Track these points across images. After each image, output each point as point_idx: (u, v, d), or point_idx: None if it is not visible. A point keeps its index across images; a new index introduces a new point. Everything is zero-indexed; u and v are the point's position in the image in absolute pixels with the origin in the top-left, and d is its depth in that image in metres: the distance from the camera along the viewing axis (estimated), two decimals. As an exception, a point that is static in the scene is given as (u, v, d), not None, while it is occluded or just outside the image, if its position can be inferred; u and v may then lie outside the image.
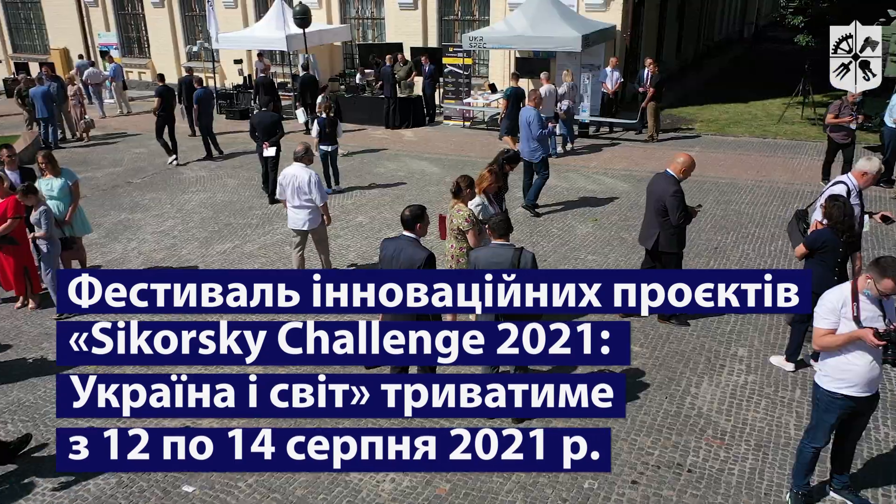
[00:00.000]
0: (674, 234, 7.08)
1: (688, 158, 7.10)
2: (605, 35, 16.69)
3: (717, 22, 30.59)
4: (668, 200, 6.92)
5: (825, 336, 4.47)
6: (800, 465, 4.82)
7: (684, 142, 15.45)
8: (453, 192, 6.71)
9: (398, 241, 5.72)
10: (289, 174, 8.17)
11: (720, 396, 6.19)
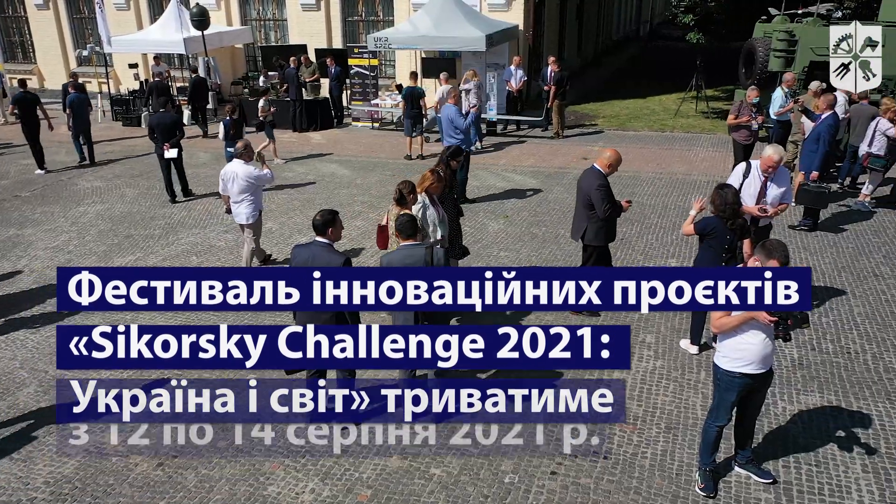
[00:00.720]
0: (601, 227, 7.23)
1: (614, 153, 7.25)
2: (509, 34, 16.98)
3: (615, 21, 31.72)
4: (594, 194, 7.09)
5: (722, 318, 4.67)
6: (705, 444, 5.04)
7: (588, 137, 15.93)
8: (396, 200, 6.65)
9: (311, 248, 5.59)
10: (229, 171, 8.57)
11: (631, 383, 6.39)
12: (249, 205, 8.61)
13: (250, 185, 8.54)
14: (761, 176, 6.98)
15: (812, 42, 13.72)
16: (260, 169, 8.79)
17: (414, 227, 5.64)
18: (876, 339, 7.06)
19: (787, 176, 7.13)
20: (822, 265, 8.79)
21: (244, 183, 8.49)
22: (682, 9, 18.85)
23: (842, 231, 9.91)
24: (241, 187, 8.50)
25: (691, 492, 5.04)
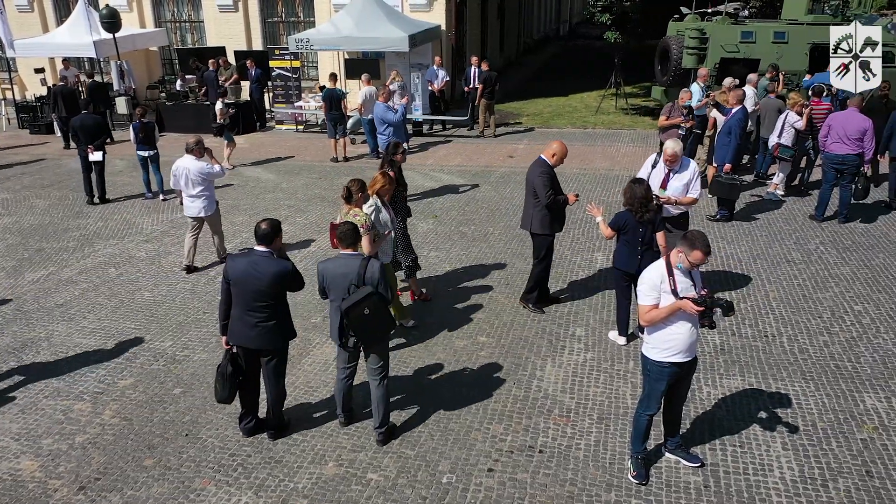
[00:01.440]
0: (546, 215, 7.29)
1: (560, 144, 7.31)
2: (431, 34, 17.00)
3: (536, 20, 32.23)
4: (537, 181, 7.17)
5: (650, 311, 4.80)
6: (636, 433, 5.17)
7: (513, 136, 16.13)
8: (345, 198, 6.51)
9: (250, 257, 5.31)
10: (181, 166, 8.73)
11: (563, 376, 6.49)
12: (205, 199, 8.82)
13: (203, 180, 8.74)
14: (665, 168, 7.23)
15: (721, 39, 14.31)
16: (211, 165, 8.90)
17: (355, 237, 5.50)
18: (790, 321, 7.41)
19: (690, 168, 7.30)
20: (739, 253, 9.17)
21: (196, 178, 8.68)
22: (599, 8, 19.34)
23: (755, 220, 10.36)
24: (194, 182, 8.70)
25: (624, 480, 5.15)
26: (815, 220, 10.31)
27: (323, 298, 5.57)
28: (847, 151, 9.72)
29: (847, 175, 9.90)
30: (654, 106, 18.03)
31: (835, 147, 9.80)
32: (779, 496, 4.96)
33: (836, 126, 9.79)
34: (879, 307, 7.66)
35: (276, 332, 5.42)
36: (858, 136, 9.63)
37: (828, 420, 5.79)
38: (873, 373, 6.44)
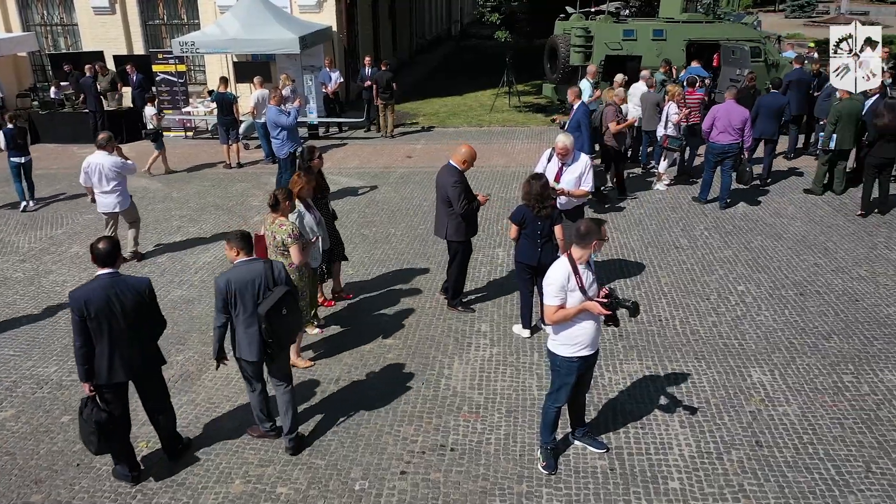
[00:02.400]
0: (461, 222, 7.30)
1: (468, 149, 7.31)
2: (323, 36, 16.76)
3: (427, 20, 32.42)
4: (450, 191, 7.15)
5: (557, 312, 4.84)
6: (546, 424, 5.27)
7: (411, 136, 16.15)
8: (271, 206, 6.26)
9: (104, 282, 4.79)
10: (93, 162, 8.72)
11: (471, 373, 6.54)
12: (119, 194, 8.89)
13: (117, 175, 8.80)
14: (558, 162, 7.44)
15: (606, 37, 14.89)
16: (123, 159, 8.96)
17: (246, 242, 5.29)
18: (682, 305, 7.78)
19: (582, 161, 7.53)
20: (632, 242, 9.55)
21: (110, 173, 8.74)
22: (488, 8, 19.65)
23: (645, 209, 10.83)
24: (108, 178, 8.75)
25: (535, 470, 5.24)
26: (698, 201, 10.94)
27: (223, 315, 5.20)
28: (731, 141, 10.37)
29: (728, 161, 10.54)
30: (546, 103, 18.55)
31: (721, 137, 10.40)
32: (679, 472, 5.20)
33: (721, 118, 10.37)
34: (760, 286, 8.18)
35: (157, 349, 5.17)
36: (741, 126, 10.31)
37: (720, 396, 6.11)
38: (757, 348, 6.87)
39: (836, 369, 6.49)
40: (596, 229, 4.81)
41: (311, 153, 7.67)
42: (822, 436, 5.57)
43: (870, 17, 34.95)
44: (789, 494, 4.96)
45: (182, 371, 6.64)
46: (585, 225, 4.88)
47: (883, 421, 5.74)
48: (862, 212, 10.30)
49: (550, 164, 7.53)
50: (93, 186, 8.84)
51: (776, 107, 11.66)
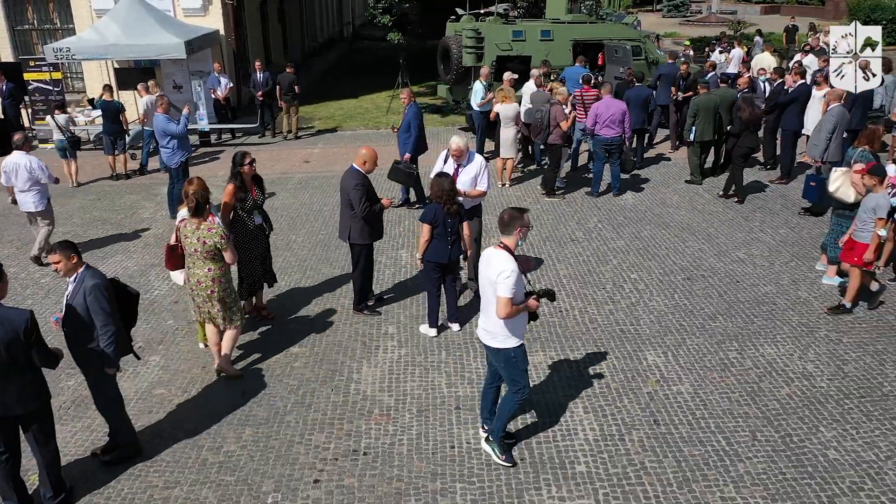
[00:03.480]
0: (364, 226, 7.25)
1: (369, 150, 7.28)
2: (209, 40, 16.26)
3: (318, 23, 32.00)
4: (352, 193, 7.10)
5: (509, 308, 4.90)
6: (506, 419, 5.36)
7: (308, 140, 15.93)
8: (192, 211, 5.98)
9: None
10: (10, 162, 8.90)
11: (380, 375, 6.56)
12: (37, 193, 9.00)
13: (34, 175, 8.89)
14: (454, 163, 7.58)
15: (496, 38, 15.21)
16: (40, 159, 9.08)
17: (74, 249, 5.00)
18: (580, 295, 8.10)
19: (476, 162, 7.64)
20: (530, 237, 9.83)
21: (27, 174, 8.85)
22: (379, 10, 19.66)
23: (541, 205, 11.18)
24: (24, 177, 8.86)
25: (448, 467, 5.32)
26: (591, 196, 11.42)
27: None
28: (614, 134, 10.97)
29: (615, 153, 11.16)
30: (442, 104, 18.74)
31: (604, 131, 11.00)
32: (584, 456, 5.42)
33: (602, 113, 10.96)
34: (651, 273, 8.62)
35: (42, 386, 4.70)
36: (621, 119, 10.93)
37: (619, 380, 6.41)
38: (651, 332, 7.25)
39: (723, 347, 6.94)
40: (518, 216, 4.98)
41: (241, 158, 7.12)
42: (712, 410, 5.95)
43: (737, 15, 37.33)
44: (686, 468, 5.27)
45: (74, 396, 6.29)
46: (508, 213, 5.01)
47: (765, 392, 6.20)
48: (737, 199, 11.06)
49: (446, 166, 7.65)
50: (12, 187, 8.99)
51: (641, 98, 12.58)
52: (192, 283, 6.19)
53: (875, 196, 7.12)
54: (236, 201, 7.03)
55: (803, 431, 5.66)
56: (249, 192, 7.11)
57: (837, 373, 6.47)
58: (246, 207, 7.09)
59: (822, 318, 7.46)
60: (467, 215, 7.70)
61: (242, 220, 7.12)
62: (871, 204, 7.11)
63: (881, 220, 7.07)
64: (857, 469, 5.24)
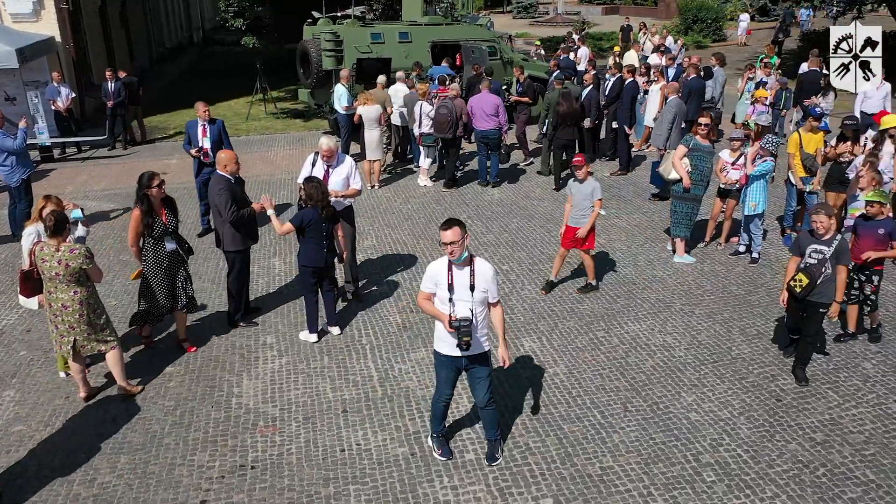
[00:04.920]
0: (235, 231, 7.03)
1: (228, 154, 7.15)
2: (44, 47, 15.09)
3: (166, 28, 30.48)
4: (216, 198, 6.89)
5: (425, 300, 5.09)
6: (433, 416, 5.43)
7: (163, 150, 15.19)
8: (52, 230, 5.49)
9: None
10: None
11: (262, 387, 6.41)
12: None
13: None
14: (324, 164, 7.56)
15: (355, 41, 15.20)
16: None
17: None
18: (456, 290, 8.29)
19: (347, 162, 7.67)
20: (403, 237, 9.95)
21: None
22: (231, 14, 19.04)
23: (411, 204, 11.33)
24: None
25: (339, 470, 5.31)
26: (480, 185, 12.18)
27: None
28: (489, 127, 11.56)
29: (493, 145, 11.78)
30: (304, 108, 18.47)
31: (481, 124, 11.59)
32: (473, 444, 5.59)
33: (476, 107, 11.57)
34: (521, 264, 8.99)
35: None
36: (494, 113, 11.51)
37: (499, 367, 6.64)
38: (526, 319, 7.56)
39: (592, 328, 7.38)
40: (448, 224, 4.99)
41: (149, 179, 6.57)
42: (586, 388, 6.32)
43: (581, 16, 39.47)
44: (566, 444, 5.57)
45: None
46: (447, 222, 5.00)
47: (632, 366, 6.66)
48: (555, 187, 11.80)
49: (316, 169, 7.59)
50: None
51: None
52: (55, 308, 5.75)
53: (590, 182, 7.73)
54: (143, 227, 6.52)
55: (667, 398, 6.15)
56: (158, 217, 6.60)
57: (693, 342, 7.07)
58: (155, 233, 6.58)
59: (676, 294, 8.10)
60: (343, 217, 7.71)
61: (151, 248, 6.62)
62: (588, 190, 7.70)
63: (599, 200, 7.70)
64: (715, 427, 5.76)
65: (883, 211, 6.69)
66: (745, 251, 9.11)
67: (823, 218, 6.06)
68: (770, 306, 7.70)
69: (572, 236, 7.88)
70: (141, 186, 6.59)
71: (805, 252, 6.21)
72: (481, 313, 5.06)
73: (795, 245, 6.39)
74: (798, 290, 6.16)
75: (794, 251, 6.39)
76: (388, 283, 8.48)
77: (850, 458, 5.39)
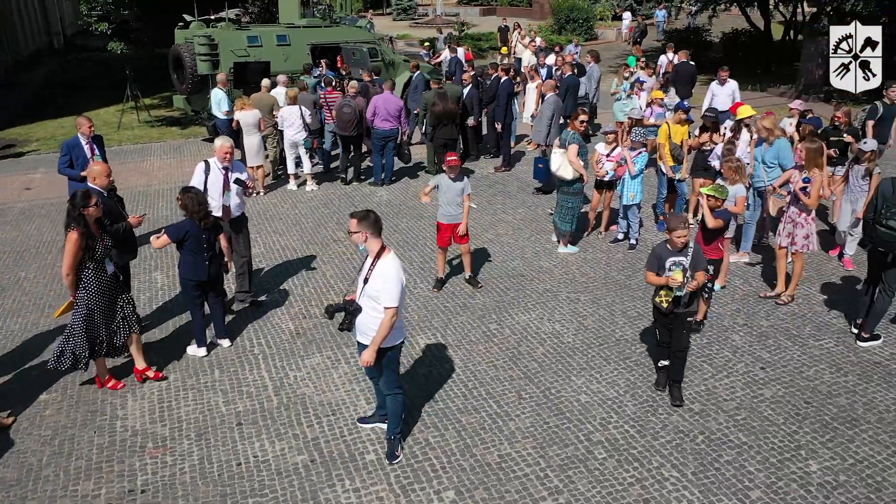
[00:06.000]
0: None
1: (100, 167, 6.84)
2: None
3: (20, 34, 28.38)
4: None
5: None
6: (397, 415, 5.43)
7: (26, 164, 14.15)
8: None
9: None
10: None
11: (149, 407, 6.12)
12: None
13: None
14: (221, 169, 7.34)
15: (231, 45, 14.77)
16: None
17: None
18: (349, 293, 8.24)
19: (241, 165, 7.64)
20: (293, 243, 9.78)
21: None
22: (94, 17, 17.98)
23: (300, 209, 11.15)
24: None
25: (236, 485, 5.16)
26: (375, 184, 12.29)
27: None
28: (390, 127, 11.75)
29: (390, 144, 11.92)
30: (180, 115, 17.75)
31: (381, 124, 11.72)
32: (373, 445, 5.58)
33: (380, 107, 11.70)
34: (413, 263, 9.06)
35: None
36: (397, 114, 11.72)
37: (396, 367, 6.68)
38: (420, 317, 7.63)
39: (484, 321, 7.55)
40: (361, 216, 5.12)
41: (84, 199, 5.97)
42: (482, 379, 6.46)
43: (460, 17, 40.13)
44: (465, 436, 5.68)
45: None
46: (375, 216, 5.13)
47: (524, 355, 6.87)
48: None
49: (213, 176, 7.30)
50: None
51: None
52: None
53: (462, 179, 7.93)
54: (83, 251, 5.94)
55: (559, 383, 6.39)
56: (98, 238, 6.06)
57: (580, 328, 7.38)
58: (97, 256, 6.03)
59: (562, 283, 8.43)
60: (235, 227, 7.51)
61: (94, 273, 6.03)
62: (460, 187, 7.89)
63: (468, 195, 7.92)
64: (603, 406, 6.05)
65: (718, 204, 6.93)
66: (624, 238, 9.60)
67: (684, 232, 5.74)
68: (649, 289, 8.14)
69: (449, 234, 8.06)
70: (75, 207, 5.97)
71: (665, 265, 5.85)
72: (372, 309, 5.07)
73: (655, 259, 5.95)
74: (665, 305, 5.87)
75: (651, 266, 5.97)
76: (279, 291, 8.31)
77: (725, 424, 5.81)
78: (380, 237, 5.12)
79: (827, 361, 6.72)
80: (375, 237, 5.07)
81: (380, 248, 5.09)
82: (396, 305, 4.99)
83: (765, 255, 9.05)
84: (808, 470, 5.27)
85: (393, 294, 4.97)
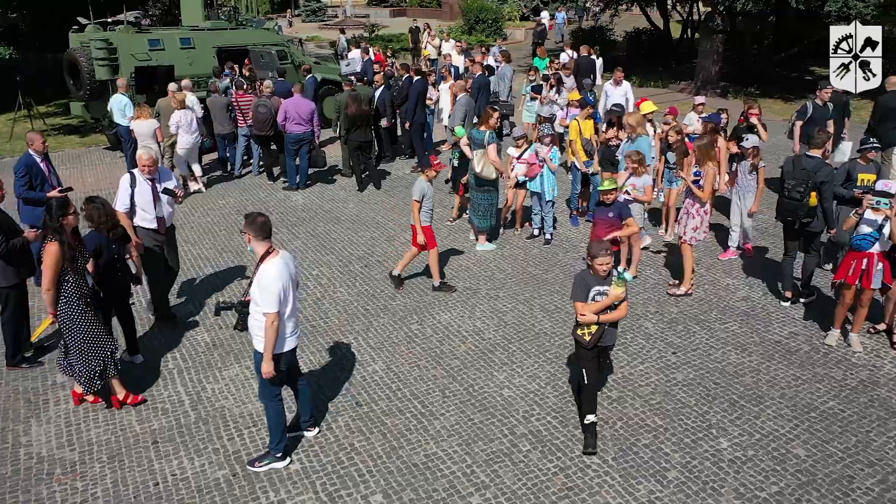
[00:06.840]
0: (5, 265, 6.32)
1: None
2: None
3: None
4: None
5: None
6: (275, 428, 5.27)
7: None
8: None
9: None
10: None
11: (56, 431, 5.80)
12: None
13: None
14: (147, 180, 7.00)
15: (131, 48, 14.15)
16: None
17: None
18: (266, 301, 8.06)
19: (171, 173, 7.46)
20: (205, 252, 9.48)
21: None
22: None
23: (211, 217, 10.82)
24: None
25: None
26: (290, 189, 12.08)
27: None
28: (303, 130, 11.63)
29: (304, 147, 11.79)
30: (78, 123, 16.90)
31: (294, 128, 11.62)
32: (297, 454, 5.48)
33: (290, 111, 11.58)
34: (331, 267, 8.95)
35: None
36: (309, 117, 11.63)
37: (318, 373, 6.58)
38: (340, 322, 7.56)
39: (406, 322, 7.54)
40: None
41: (62, 208, 5.68)
42: (405, 380, 6.45)
43: (370, 18, 39.94)
44: (391, 438, 5.66)
45: None
46: (263, 219, 5.02)
47: (447, 353, 6.91)
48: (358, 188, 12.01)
49: (140, 188, 6.95)
50: None
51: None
52: None
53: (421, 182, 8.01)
54: (65, 264, 5.56)
55: (482, 379, 6.46)
56: (77, 250, 5.70)
57: (500, 323, 7.49)
58: (78, 269, 5.66)
59: (481, 280, 8.52)
60: (167, 242, 7.22)
61: (74, 286, 5.66)
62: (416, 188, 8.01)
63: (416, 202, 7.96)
64: (526, 399, 6.15)
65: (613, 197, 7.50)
66: (539, 234, 9.79)
67: (607, 259, 5.30)
68: (565, 282, 8.35)
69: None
70: (53, 217, 5.67)
71: (590, 296, 5.38)
72: (256, 312, 4.98)
73: (582, 289, 5.39)
74: (587, 339, 5.41)
75: (578, 296, 5.40)
76: (193, 302, 8.04)
77: (641, 408, 6.02)
78: (266, 240, 5.03)
79: (732, 343, 7.07)
80: (260, 240, 5.00)
81: (265, 252, 5.01)
82: (275, 311, 4.85)
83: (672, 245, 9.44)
84: (719, 447, 5.53)
85: (269, 300, 4.83)
